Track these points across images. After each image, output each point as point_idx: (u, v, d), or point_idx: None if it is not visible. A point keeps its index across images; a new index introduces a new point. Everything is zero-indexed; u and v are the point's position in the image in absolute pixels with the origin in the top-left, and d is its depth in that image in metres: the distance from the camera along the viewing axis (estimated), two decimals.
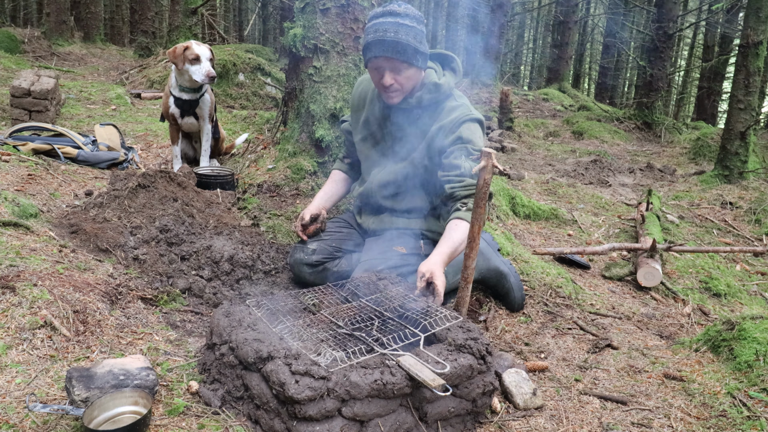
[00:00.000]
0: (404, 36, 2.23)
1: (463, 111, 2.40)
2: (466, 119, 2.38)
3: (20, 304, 1.96)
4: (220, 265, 2.62)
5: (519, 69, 25.51)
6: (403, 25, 2.23)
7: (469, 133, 2.36)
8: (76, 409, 1.55)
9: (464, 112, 2.39)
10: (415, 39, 2.25)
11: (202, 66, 3.71)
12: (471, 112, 2.41)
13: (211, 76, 3.72)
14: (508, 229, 3.80)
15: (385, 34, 2.23)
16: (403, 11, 2.26)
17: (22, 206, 2.81)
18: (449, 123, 2.37)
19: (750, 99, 5.84)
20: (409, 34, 2.24)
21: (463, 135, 2.35)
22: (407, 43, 2.23)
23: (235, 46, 9.00)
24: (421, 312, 1.92)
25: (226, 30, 20.20)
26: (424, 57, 2.32)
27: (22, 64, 8.23)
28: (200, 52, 3.72)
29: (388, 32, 2.23)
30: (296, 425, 1.56)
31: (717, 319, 2.88)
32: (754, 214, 4.84)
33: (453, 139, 2.36)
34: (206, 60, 3.73)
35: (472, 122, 2.39)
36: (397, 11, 2.26)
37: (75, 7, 13.18)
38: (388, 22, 2.24)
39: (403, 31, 2.23)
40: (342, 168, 2.85)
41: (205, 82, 3.73)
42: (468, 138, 2.35)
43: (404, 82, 2.33)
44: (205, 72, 3.71)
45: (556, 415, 1.92)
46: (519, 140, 8.38)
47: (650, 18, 12.47)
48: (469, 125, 2.37)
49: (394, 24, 2.23)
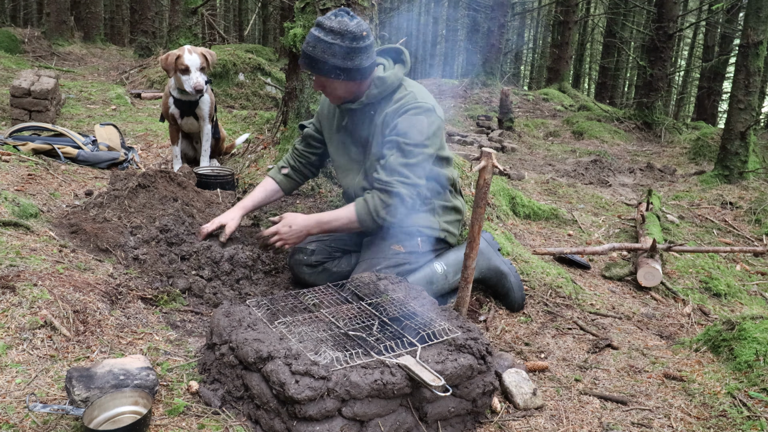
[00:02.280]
0: (320, 52, 2.26)
1: (407, 100, 2.37)
2: (407, 109, 2.34)
3: (20, 304, 1.96)
4: (220, 265, 2.62)
5: (519, 69, 25.52)
6: (322, 41, 2.25)
7: (406, 125, 2.32)
8: (76, 409, 1.55)
9: (407, 101, 2.36)
10: (333, 55, 2.25)
11: (191, 77, 3.69)
12: (416, 101, 2.35)
13: (198, 89, 3.70)
14: (508, 229, 3.80)
15: (306, 46, 2.30)
16: (330, 26, 2.25)
17: (22, 206, 2.81)
18: (392, 112, 2.37)
19: (750, 99, 5.84)
20: (327, 51, 2.25)
21: (399, 127, 2.33)
22: (322, 60, 2.26)
23: (235, 46, 9.01)
24: (421, 323, 1.91)
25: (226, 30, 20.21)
26: (349, 71, 2.29)
27: (22, 64, 8.23)
28: (190, 63, 3.68)
29: (308, 45, 2.30)
30: (296, 425, 1.56)
31: (717, 319, 2.88)
32: (754, 214, 4.84)
33: (390, 129, 2.36)
34: (196, 71, 3.69)
35: (413, 112, 2.34)
36: (324, 25, 2.27)
37: (75, 7, 13.19)
38: (312, 35, 2.29)
39: (321, 47, 2.25)
40: (276, 177, 2.77)
41: (193, 94, 3.74)
42: (402, 130, 2.32)
43: (331, 91, 2.39)
44: (193, 84, 3.69)
45: (556, 415, 1.92)
46: (519, 140, 8.38)
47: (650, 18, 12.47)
48: (408, 117, 2.33)
49: (315, 38, 2.27)
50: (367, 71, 2.35)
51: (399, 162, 2.32)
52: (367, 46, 2.30)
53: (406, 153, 2.32)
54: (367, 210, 2.37)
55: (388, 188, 2.33)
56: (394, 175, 2.33)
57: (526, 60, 27.51)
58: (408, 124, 2.32)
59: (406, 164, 2.33)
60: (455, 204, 2.63)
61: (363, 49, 2.29)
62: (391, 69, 2.44)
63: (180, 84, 3.77)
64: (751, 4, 5.80)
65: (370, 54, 2.33)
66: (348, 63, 2.28)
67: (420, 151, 2.34)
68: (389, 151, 2.35)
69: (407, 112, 2.34)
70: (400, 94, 2.40)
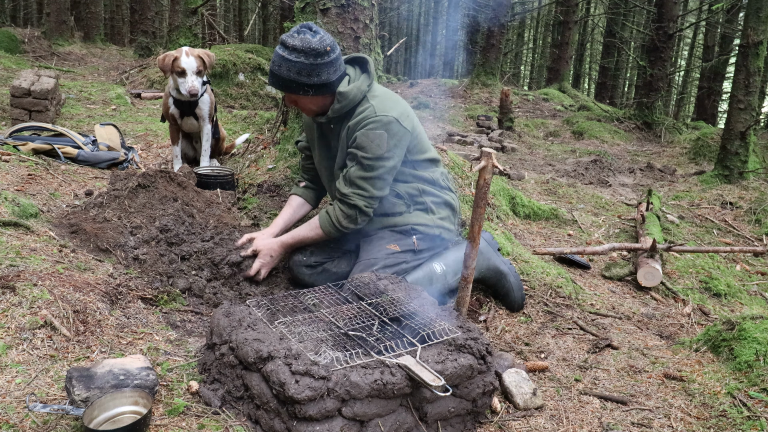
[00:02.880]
0: (286, 71, 2.30)
1: (366, 114, 2.39)
2: (366, 123, 2.37)
3: (20, 304, 1.96)
4: (220, 266, 2.62)
5: (519, 69, 25.51)
6: (286, 60, 2.30)
7: (364, 139, 2.36)
8: (76, 409, 1.55)
9: (367, 115, 2.38)
10: (298, 74, 2.30)
11: (186, 80, 3.70)
12: (375, 115, 2.37)
13: (192, 93, 3.71)
14: (508, 229, 3.80)
15: (272, 66, 2.35)
16: (292, 45, 2.28)
17: (22, 206, 2.81)
18: (353, 125, 2.41)
19: (750, 99, 5.84)
20: (292, 69, 2.29)
21: (358, 140, 2.38)
22: (288, 78, 2.31)
23: (235, 46, 9.00)
24: (421, 323, 1.91)
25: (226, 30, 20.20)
26: (317, 87, 2.34)
27: (22, 64, 8.23)
28: (186, 66, 3.68)
29: (274, 65, 2.33)
30: (296, 425, 1.57)
31: (717, 319, 2.88)
32: (754, 214, 4.84)
33: (351, 141, 2.42)
34: (192, 74, 3.70)
35: (371, 126, 2.36)
36: (287, 44, 2.30)
37: (75, 7, 13.19)
38: (277, 54, 2.34)
39: (286, 66, 2.30)
40: (298, 192, 2.85)
41: (187, 97, 3.74)
42: (361, 144, 2.37)
43: (303, 105, 2.46)
44: (188, 88, 3.70)
45: (556, 415, 1.92)
46: (519, 140, 8.38)
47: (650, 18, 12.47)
48: (366, 132, 2.36)
49: (279, 57, 2.32)
50: (335, 84, 2.39)
51: (357, 175, 2.40)
52: (332, 60, 2.33)
53: (365, 167, 2.39)
54: (329, 221, 2.48)
55: (347, 200, 2.43)
56: (352, 187, 2.42)
57: (526, 60, 27.51)
58: (366, 138, 2.36)
59: (364, 177, 2.40)
60: (445, 198, 2.63)
61: (327, 65, 2.32)
62: (356, 81, 2.45)
63: (177, 85, 3.78)
64: (751, 4, 5.80)
65: (337, 67, 2.38)
66: (314, 79, 2.32)
67: (380, 164, 2.39)
68: (350, 163, 2.43)
69: (366, 126, 2.37)
70: (362, 107, 2.42)
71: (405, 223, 2.55)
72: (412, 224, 2.55)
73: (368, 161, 2.37)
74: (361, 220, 2.47)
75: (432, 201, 2.59)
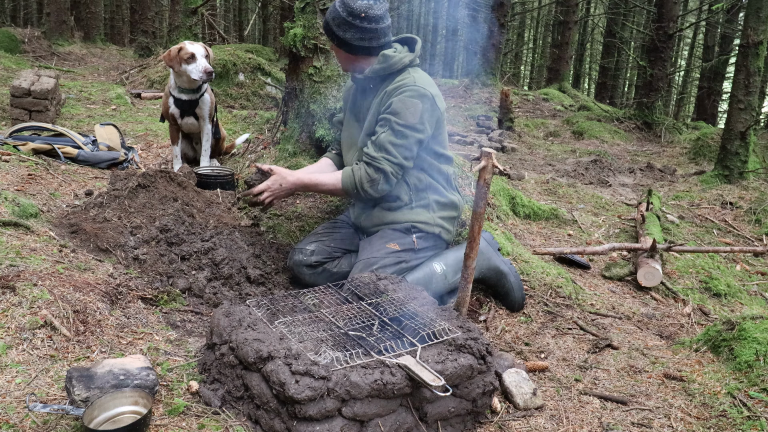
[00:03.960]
0: (328, 14, 2.49)
1: (406, 82, 2.44)
2: (405, 90, 2.42)
3: (20, 304, 1.96)
4: (220, 266, 2.62)
5: (519, 69, 25.50)
6: (334, 5, 2.47)
7: (401, 105, 2.40)
8: (76, 409, 1.55)
9: (407, 84, 2.43)
10: (332, 20, 2.46)
11: (198, 63, 3.69)
12: (415, 84, 2.43)
13: (208, 72, 3.69)
14: (508, 229, 3.80)
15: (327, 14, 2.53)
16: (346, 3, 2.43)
17: (22, 206, 2.81)
18: (390, 90, 2.45)
19: (750, 99, 5.84)
20: (330, 14, 2.47)
21: (394, 105, 2.41)
22: (325, 20, 2.50)
23: (235, 46, 9.00)
24: (421, 323, 1.91)
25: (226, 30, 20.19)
26: (341, 41, 2.47)
27: (22, 64, 8.22)
28: (194, 50, 3.70)
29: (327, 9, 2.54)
30: (296, 425, 1.56)
31: (717, 319, 2.88)
32: (754, 214, 4.84)
33: (386, 106, 2.44)
34: (202, 57, 3.71)
35: (410, 94, 2.41)
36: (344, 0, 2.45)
37: (75, 7, 13.18)
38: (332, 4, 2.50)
39: (331, 13, 2.47)
40: (329, 156, 2.90)
41: (203, 79, 3.71)
42: (396, 110, 2.40)
43: (337, 55, 2.60)
44: (202, 68, 3.69)
45: (556, 415, 1.92)
46: (519, 140, 8.38)
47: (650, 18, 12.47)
48: (404, 98, 2.41)
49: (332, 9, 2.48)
50: (357, 50, 2.49)
51: (389, 140, 2.41)
52: (362, 27, 2.44)
53: (397, 132, 2.40)
54: (352, 180, 2.46)
55: (375, 163, 2.42)
56: (381, 151, 2.41)
57: (526, 60, 27.50)
58: (402, 105, 2.40)
59: (394, 143, 2.41)
60: (451, 199, 2.64)
61: (356, 28, 2.43)
62: (400, 53, 2.52)
63: (186, 78, 3.76)
64: (751, 4, 5.80)
65: (366, 37, 2.46)
66: (340, 33, 2.46)
67: (411, 133, 2.41)
68: (381, 128, 2.44)
69: (403, 93, 2.41)
70: (401, 75, 2.49)
71: (405, 220, 2.55)
72: (413, 222, 2.55)
73: (401, 127, 2.39)
74: (381, 188, 2.46)
75: (435, 199, 2.59)
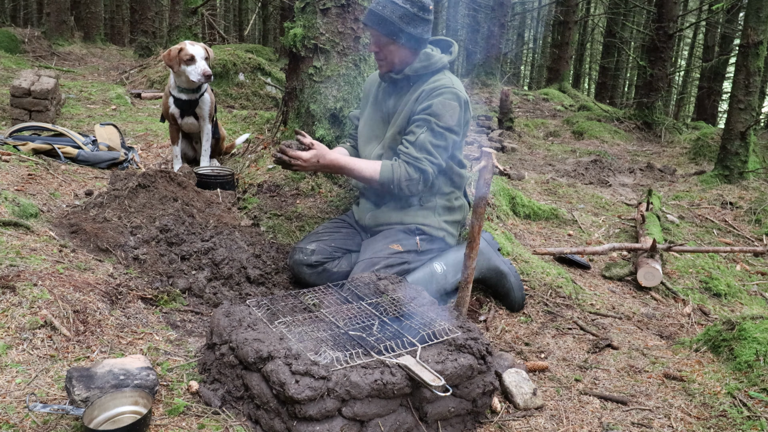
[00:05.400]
0: (389, 12, 2.38)
1: (445, 84, 2.45)
2: (445, 91, 2.42)
3: (20, 304, 1.96)
4: (220, 266, 2.62)
5: (519, 69, 25.50)
6: (393, 3, 2.37)
7: (441, 107, 2.40)
8: (76, 409, 1.55)
9: (445, 85, 2.44)
10: (400, 18, 2.38)
11: (197, 65, 3.69)
12: (454, 87, 2.44)
13: (207, 75, 3.69)
14: (508, 229, 3.80)
15: (376, 6, 2.41)
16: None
17: (22, 206, 2.81)
18: (429, 90, 2.44)
19: (750, 99, 5.84)
20: (396, 12, 2.37)
21: (434, 106, 2.40)
22: (389, 20, 2.38)
23: (235, 46, 9.00)
24: (421, 323, 1.91)
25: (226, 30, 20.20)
26: (410, 37, 2.41)
27: (22, 64, 8.22)
28: (195, 52, 3.70)
29: (379, 5, 2.40)
30: (296, 425, 1.56)
31: (717, 319, 2.88)
32: (754, 214, 4.84)
33: (424, 106, 2.43)
34: (201, 59, 3.71)
35: (449, 97, 2.42)
36: None
37: (75, 7, 13.19)
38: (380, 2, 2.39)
39: (391, 8, 2.38)
40: (345, 147, 2.86)
41: (201, 81, 3.71)
42: (437, 112, 2.40)
43: (387, 54, 2.47)
44: (201, 71, 3.69)
45: (556, 415, 1.92)
46: (519, 140, 8.38)
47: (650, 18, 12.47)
48: (444, 100, 2.41)
49: (391, 6, 2.37)
50: (421, 44, 2.47)
51: (430, 141, 2.42)
52: (429, 20, 2.45)
53: (436, 134, 2.41)
54: (391, 176, 2.44)
55: (418, 164, 2.42)
56: (423, 152, 2.42)
57: (526, 60, 27.50)
58: (443, 107, 2.41)
59: (435, 145, 2.42)
60: (458, 204, 2.65)
61: (425, 22, 2.43)
62: (438, 54, 2.54)
63: (185, 79, 3.76)
64: (751, 4, 5.80)
65: (428, 29, 2.47)
66: (410, 29, 2.40)
67: (448, 135, 2.43)
68: (419, 129, 2.43)
69: (443, 94, 2.42)
70: (439, 77, 2.49)
71: (411, 222, 2.57)
72: (418, 224, 2.56)
73: (441, 129, 2.40)
74: (418, 189, 2.47)
75: (443, 204, 2.61)
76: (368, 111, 2.72)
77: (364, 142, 2.72)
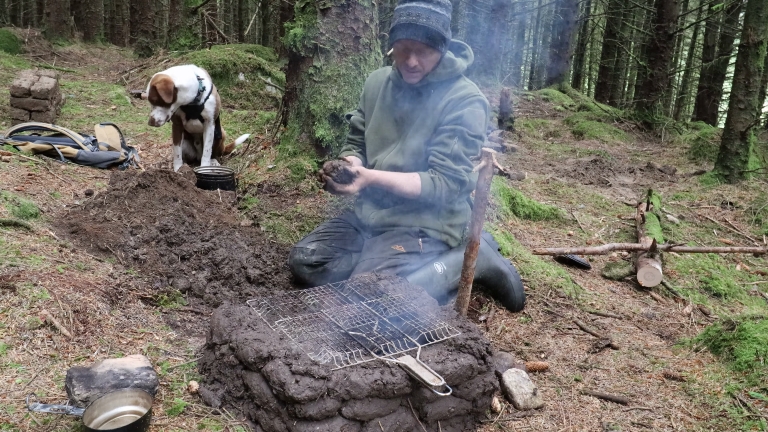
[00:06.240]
0: (435, 23, 2.31)
1: (471, 90, 2.45)
2: (473, 100, 2.42)
3: (20, 304, 1.96)
4: (220, 266, 2.62)
5: (519, 69, 25.50)
6: (434, 13, 2.32)
7: (471, 117, 2.40)
8: (76, 409, 1.55)
9: (471, 92, 2.44)
10: (443, 27, 2.34)
11: (152, 111, 3.68)
12: (479, 94, 2.45)
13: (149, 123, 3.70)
14: (508, 229, 3.80)
15: (418, 18, 2.30)
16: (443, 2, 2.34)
17: (22, 206, 2.81)
18: (457, 98, 2.43)
19: (750, 99, 5.84)
20: (439, 21, 2.33)
21: (465, 117, 2.40)
22: (437, 31, 2.32)
23: (235, 46, 9.00)
24: (421, 323, 1.91)
25: (226, 30, 20.20)
26: (447, 43, 2.41)
27: (22, 64, 8.22)
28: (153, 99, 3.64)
29: (421, 17, 2.30)
30: (296, 425, 1.56)
31: (717, 319, 2.88)
32: (754, 214, 4.84)
33: (454, 117, 2.42)
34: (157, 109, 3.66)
35: (478, 105, 2.43)
36: None
37: (75, 7, 13.18)
38: (422, 7, 2.32)
39: (434, 18, 2.31)
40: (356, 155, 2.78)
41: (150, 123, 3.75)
42: (468, 122, 2.40)
43: (426, 64, 2.42)
44: (149, 119, 3.69)
45: (556, 415, 1.92)
46: (519, 140, 8.37)
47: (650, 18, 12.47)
48: (473, 109, 2.41)
49: (427, 11, 2.31)
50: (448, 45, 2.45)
51: (463, 150, 2.42)
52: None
53: (469, 143, 2.42)
54: (432, 190, 2.44)
55: (458, 176, 2.43)
56: (461, 163, 2.43)
57: (526, 60, 27.49)
58: (472, 116, 2.41)
59: (468, 153, 2.44)
60: (461, 207, 2.64)
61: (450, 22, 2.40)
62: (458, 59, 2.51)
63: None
64: (751, 4, 5.80)
65: None
66: (449, 34, 2.39)
67: (478, 143, 2.45)
68: (451, 140, 2.42)
69: (472, 104, 2.42)
70: (461, 84, 2.48)
71: (415, 224, 2.56)
72: (422, 227, 2.56)
73: (472, 137, 2.42)
74: (453, 198, 2.50)
75: (447, 208, 2.60)
76: (376, 115, 2.64)
77: (375, 150, 2.65)
